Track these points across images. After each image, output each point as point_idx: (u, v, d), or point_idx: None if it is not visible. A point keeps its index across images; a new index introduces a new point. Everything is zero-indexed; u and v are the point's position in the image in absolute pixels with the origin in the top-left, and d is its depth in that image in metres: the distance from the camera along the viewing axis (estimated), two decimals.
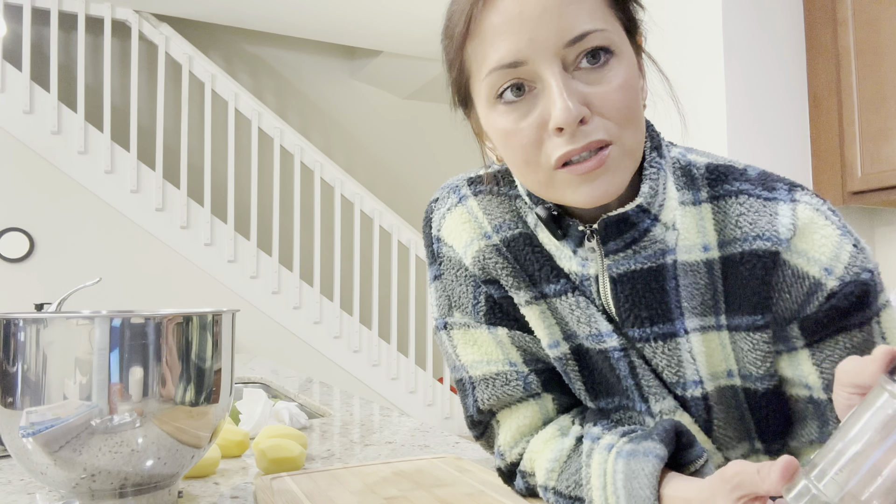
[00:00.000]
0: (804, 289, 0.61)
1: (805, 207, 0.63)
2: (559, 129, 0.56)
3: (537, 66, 0.56)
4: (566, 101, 0.55)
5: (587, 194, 0.58)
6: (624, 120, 0.58)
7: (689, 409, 0.66)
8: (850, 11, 2.16)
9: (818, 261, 0.61)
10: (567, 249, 0.66)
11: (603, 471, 0.61)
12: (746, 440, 0.67)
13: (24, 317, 0.66)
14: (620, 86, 0.58)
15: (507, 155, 0.62)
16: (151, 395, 0.67)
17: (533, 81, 0.58)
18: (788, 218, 0.62)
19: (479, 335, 0.72)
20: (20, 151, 3.69)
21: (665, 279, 0.64)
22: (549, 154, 0.58)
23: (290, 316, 4.18)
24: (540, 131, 0.58)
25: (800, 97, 2.30)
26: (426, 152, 5.66)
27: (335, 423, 1.29)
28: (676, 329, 0.64)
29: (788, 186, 0.65)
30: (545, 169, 0.59)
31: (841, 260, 0.61)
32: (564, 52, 0.56)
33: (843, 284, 0.60)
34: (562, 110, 0.55)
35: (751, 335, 0.63)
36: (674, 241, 0.64)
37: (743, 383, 0.65)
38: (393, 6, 3.97)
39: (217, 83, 4.14)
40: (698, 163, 0.67)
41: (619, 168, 0.59)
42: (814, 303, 0.61)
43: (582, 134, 0.56)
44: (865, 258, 0.62)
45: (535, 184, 0.61)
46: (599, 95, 0.57)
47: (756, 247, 0.62)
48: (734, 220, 0.63)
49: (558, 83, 0.56)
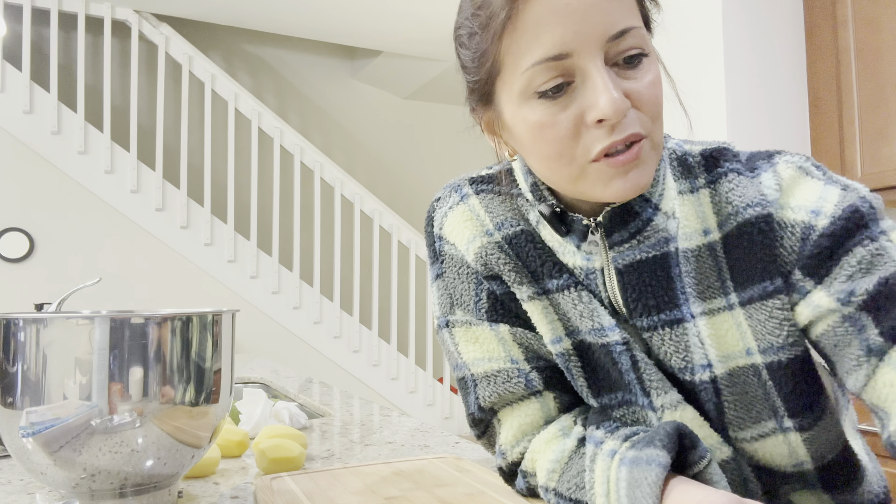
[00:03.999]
0: (797, 235, 0.61)
1: (785, 165, 0.64)
2: (599, 121, 0.57)
3: (582, 59, 0.56)
4: (612, 91, 0.56)
5: (619, 188, 0.59)
6: (655, 115, 0.59)
7: (697, 396, 0.66)
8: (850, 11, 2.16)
9: (803, 206, 0.61)
10: (570, 245, 0.67)
11: (606, 478, 0.61)
12: (771, 419, 0.65)
13: (24, 317, 0.66)
14: (653, 82, 0.59)
15: (535, 149, 0.61)
16: (151, 395, 0.67)
17: (572, 75, 0.58)
18: (772, 180, 0.64)
19: (481, 332, 0.72)
20: (20, 151, 3.69)
21: (670, 266, 0.65)
22: (588, 146, 0.58)
23: (290, 316, 4.18)
24: (577, 124, 0.58)
25: (800, 97, 2.30)
26: (426, 152, 5.66)
27: (335, 423, 1.29)
28: (683, 314, 0.65)
29: (767, 156, 0.66)
30: (580, 162, 0.59)
31: (829, 200, 0.61)
32: (607, 46, 0.57)
33: (834, 219, 0.60)
34: (609, 102, 0.55)
35: (765, 303, 0.63)
36: (675, 229, 0.65)
37: (764, 358, 0.64)
38: (393, 6, 3.97)
39: (217, 83, 4.14)
40: (693, 151, 0.69)
41: (649, 161, 0.60)
42: (808, 244, 0.61)
43: (622, 126, 0.57)
44: (856, 191, 0.61)
45: (564, 177, 0.61)
46: (636, 90, 0.58)
47: (748, 215, 0.63)
48: (726, 197, 0.65)
49: (603, 75, 0.56)
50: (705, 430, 0.66)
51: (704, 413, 0.67)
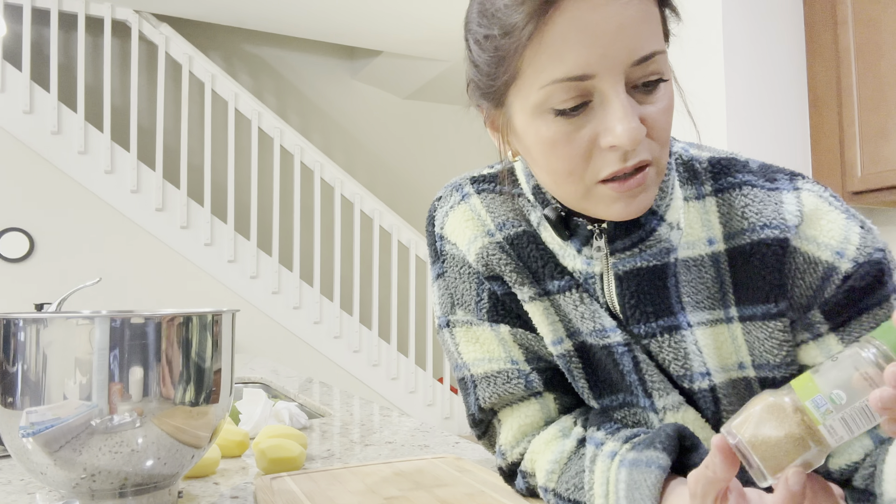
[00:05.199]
0: (818, 274, 0.62)
1: (808, 194, 0.64)
2: (613, 147, 0.56)
3: (603, 83, 0.55)
4: (630, 121, 0.55)
5: (621, 210, 0.59)
6: (664, 141, 0.59)
7: (695, 402, 0.66)
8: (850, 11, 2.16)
9: (828, 245, 0.62)
10: (571, 248, 0.67)
11: (606, 479, 0.61)
12: None
13: (24, 317, 0.66)
14: (667, 108, 0.58)
15: (544, 162, 0.60)
16: (151, 395, 0.67)
17: (591, 95, 0.56)
18: (794, 205, 0.63)
19: (482, 333, 0.72)
20: (20, 151, 3.69)
21: (666, 276, 0.65)
22: (597, 169, 0.58)
23: (290, 316, 4.18)
24: (591, 145, 0.57)
25: (800, 97, 2.30)
26: (426, 152, 5.66)
27: (335, 423, 1.29)
28: (680, 323, 0.65)
29: (789, 176, 0.66)
30: (587, 182, 0.59)
31: (851, 242, 0.62)
32: (630, 70, 0.55)
33: (857, 266, 0.61)
34: (626, 131, 0.54)
35: (766, 324, 0.63)
36: (677, 239, 0.65)
37: (757, 374, 0.65)
38: (393, 6, 3.97)
39: (217, 83, 4.14)
40: (700, 157, 0.68)
41: (653, 186, 0.60)
42: (831, 286, 0.62)
43: (633, 154, 0.57)
44: (874, 238, 0.63)
45: (569, 193, 0.61)
46: (650, 117, 0.57)
47: (765, 235, 0.63)
48: (740, 211, 0.64)
49: (623, 102, 0.55)
50: (706, 431, 0.66)
51: (705, 416, 0.67)
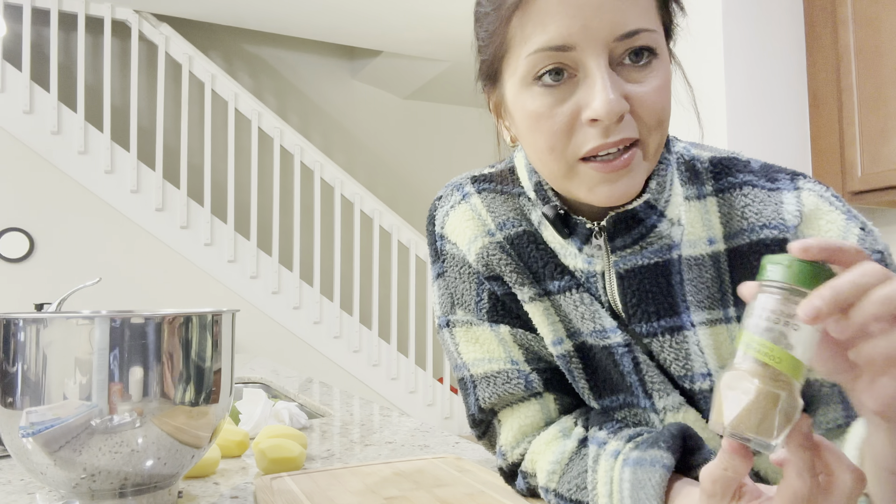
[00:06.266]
0: None
1: (809, 194, 0.64)
2: (593, 121, 0.56)
3: (584, 55, 0.55)
4: (609, 93, 0.54)
5: (605, 193, 0.58)
6: (656, 123, 0.58)
7: (696, 403, 0.66)
8: (850, 11, 2.16)
9: None
10: (572, 247, 0.67)
11: (609, 478, 0.61)
12: None
13: (24, 317, 0.66)
14: (659, 87, 0.57)
15: (530, 139, 0.60)
16: (151, 395, 0.67)
17: (575, 69, 0.56)
18: (794, 205, 0.63)
19: (482, 333, 0.72)
20: (20, 151, 3.69)
21: (671, 274, 0.64)
22: (578, 145, 0.57)
23: (290, 316, 4.18)
24: (572, 120, 0.57)
25: (800, 97, 2.30)
26: (426, 152, 5.66)
27: (335, 423, 1.29)
28: (683, 322, 0.64)
29: (791, 175, 0.65)
30: (569, 159, 0.58)
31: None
32: (613, 45, 0.55)
33: None
34: (604, 102, 0.54)
35: None
36: (679, 236, 0.64)
37: None
38: (393, 6, 3.97)
39: (217, 83, 4.14)
40: (702, 157, 0.68)
41: (639, 170, 0.59)
42: None
43: (616, 130, 0.56)
44: (874, 240, 0.62)
45: (553, 173, 0.60)
46: (638, 95, 0.57)
47: (763, 236, 0.62)
48: (740, 211, 0.64)
49: (603, 75, 0.55)
50: (707, 432, 0.66)
51: (706, 417, 0.67)
